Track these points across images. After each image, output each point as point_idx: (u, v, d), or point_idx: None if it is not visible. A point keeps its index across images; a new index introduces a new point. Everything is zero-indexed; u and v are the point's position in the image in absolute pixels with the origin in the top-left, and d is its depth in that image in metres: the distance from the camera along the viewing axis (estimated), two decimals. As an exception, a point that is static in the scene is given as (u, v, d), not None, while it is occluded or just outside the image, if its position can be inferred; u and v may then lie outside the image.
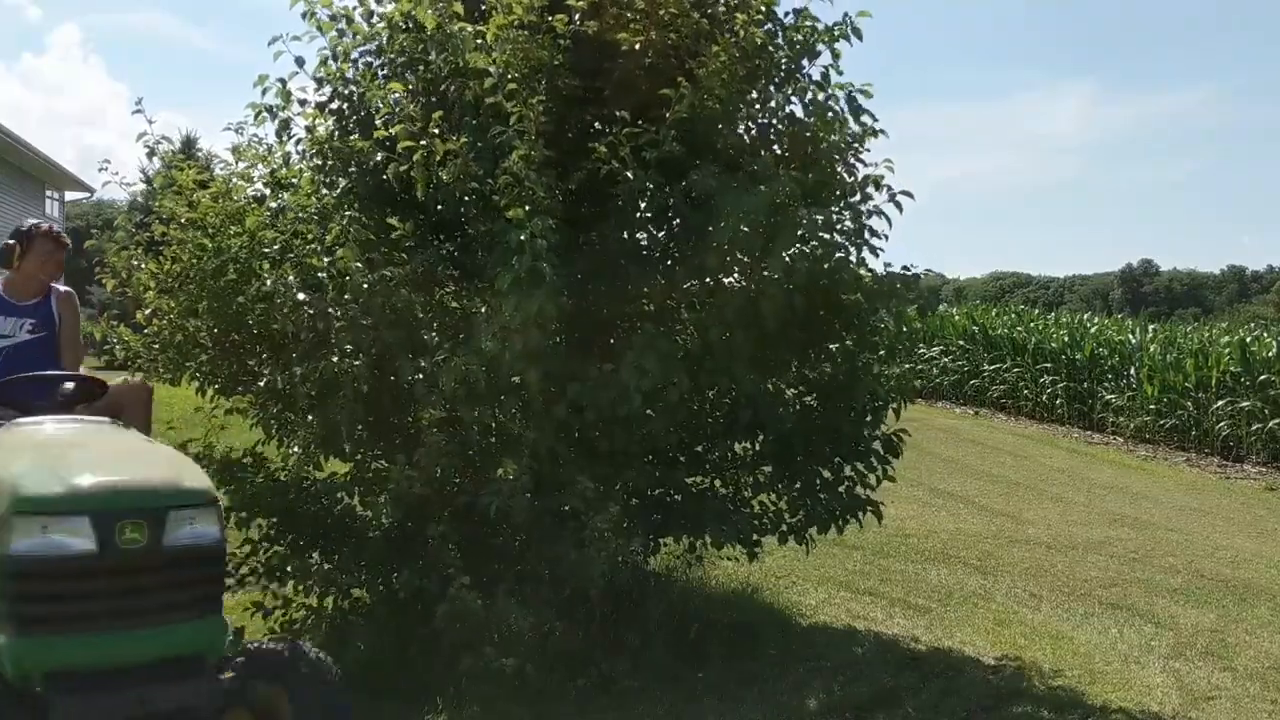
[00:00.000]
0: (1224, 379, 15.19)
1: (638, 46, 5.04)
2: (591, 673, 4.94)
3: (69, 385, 4.10)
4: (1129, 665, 5.86)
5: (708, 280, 5.24)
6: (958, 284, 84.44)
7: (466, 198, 4.99)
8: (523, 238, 4.44)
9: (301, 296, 5.11)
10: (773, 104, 5.51)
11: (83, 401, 4.13)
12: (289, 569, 5.30)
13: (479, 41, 4.93)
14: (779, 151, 5.47)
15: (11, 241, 4.64)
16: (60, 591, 3.13)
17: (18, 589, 3.10)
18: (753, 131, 5.55)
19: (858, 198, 5.34)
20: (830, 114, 5.37)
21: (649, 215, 5.29)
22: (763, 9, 5.32)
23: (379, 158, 5.04)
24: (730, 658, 5.41)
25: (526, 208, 4.54)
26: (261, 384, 5.41)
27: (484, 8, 5.30)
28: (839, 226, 5.23)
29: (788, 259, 4.90)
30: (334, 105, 5.55)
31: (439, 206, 5.20)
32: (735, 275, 5.24)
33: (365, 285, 4.97)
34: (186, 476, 3.47)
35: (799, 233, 4.97)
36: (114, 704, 3.09)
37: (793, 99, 5.50)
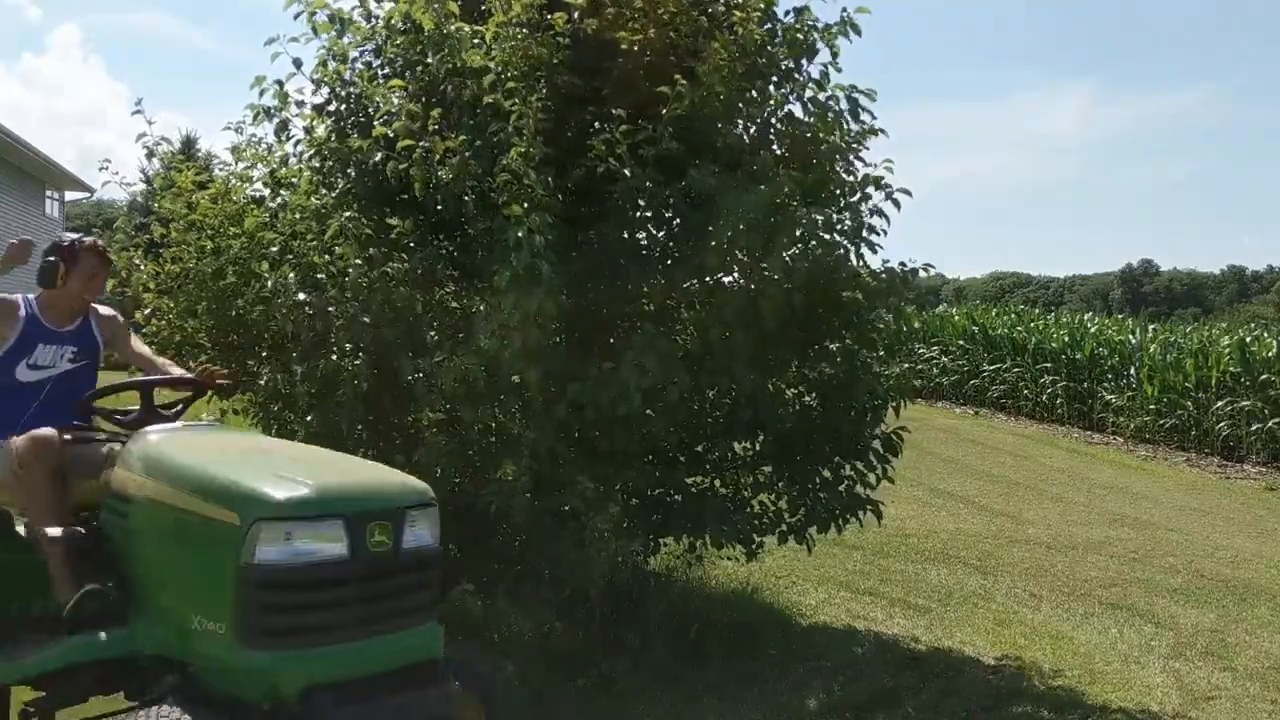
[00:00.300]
0: (1224, 379, 15.20)
1: (637, 45, 5.04)
2: (591, 673, 4.94)
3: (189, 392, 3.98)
4: (1129, 665, 5.86)
5: (707, 280, 5.24)
6: (958, 284, 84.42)
7: (465, 196, 4.98)
8: (520, 234, 4.44)
9: (301, 296, 5.10)
10: (772, 103, 5.51)
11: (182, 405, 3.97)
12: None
13: (475, 41, 4.94)
14: (778, 151, 5.47)
15: (53, 259, 4.05)
16: (311, 600, 2.96)
17: (265, 600, 2.91)
18: (752, 130, 5.55)
19: (857, 197, 5.34)
20: (830, 114, 5.37)
21: (648, 214, 5.28)
22: (761, 6, 5.31)
23: (378, 157, 5.03)
24: (730, 658, 5.41)
25: (525, 204, 4.54)
26: (261, 384, 5.41)
27: (483, 8, 5.30)
28: (838, 226, 5.24)
29: (787, 258, 4.90)
30: (331, 107, 5.55)
31: (438, 206, 5.19)
32: (735, 275, 5.24)
33: (364, 282, 4.97)
34: (411, 478, 3.36)
35: (798, 232, 4.97)
36: (381, 714, 2.97)
37: (792, 98, 5.51)
